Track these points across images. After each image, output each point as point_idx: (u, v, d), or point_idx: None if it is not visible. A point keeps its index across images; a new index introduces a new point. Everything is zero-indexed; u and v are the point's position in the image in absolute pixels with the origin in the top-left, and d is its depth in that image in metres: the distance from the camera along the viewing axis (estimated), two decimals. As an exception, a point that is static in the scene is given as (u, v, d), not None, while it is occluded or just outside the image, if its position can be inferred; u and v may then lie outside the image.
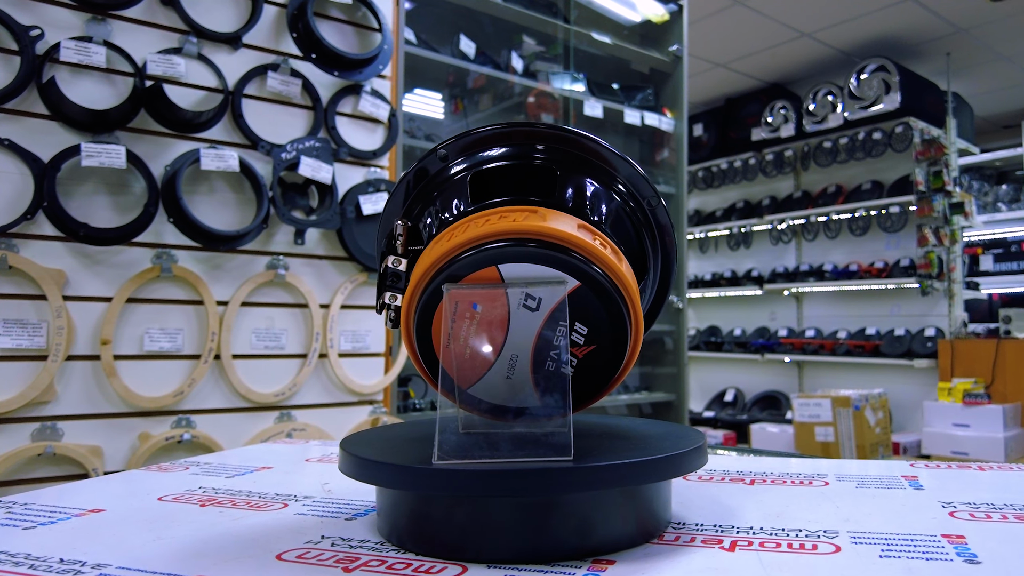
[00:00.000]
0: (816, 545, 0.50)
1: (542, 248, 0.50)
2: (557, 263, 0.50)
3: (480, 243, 0.50)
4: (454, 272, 0.51)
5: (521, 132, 0.58)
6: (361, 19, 1.92)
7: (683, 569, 0.46)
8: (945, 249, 4.59)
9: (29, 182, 1.43)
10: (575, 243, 0.50)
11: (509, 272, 0.52)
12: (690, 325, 6.04)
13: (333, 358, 1.80)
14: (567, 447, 0.49)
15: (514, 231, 0.50)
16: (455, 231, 0.52)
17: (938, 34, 4.66)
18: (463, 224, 0.52)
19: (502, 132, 0.58)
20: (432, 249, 0.52)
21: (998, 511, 0.59)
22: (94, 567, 0.49)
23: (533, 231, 0.50)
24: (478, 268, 0.51)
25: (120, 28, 1.55)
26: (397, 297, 0.56)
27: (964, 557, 0.47)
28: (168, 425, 1.58)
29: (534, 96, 3.13)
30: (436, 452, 0.49)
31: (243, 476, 0.80)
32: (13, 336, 1.41)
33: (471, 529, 0.49)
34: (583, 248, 0.50)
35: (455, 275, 0.51)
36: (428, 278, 0.51)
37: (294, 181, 1.77)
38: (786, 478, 0.74)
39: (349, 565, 0.48)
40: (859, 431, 3.89)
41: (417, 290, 0.52)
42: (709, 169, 5.89)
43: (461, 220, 0.53)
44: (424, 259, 0.52)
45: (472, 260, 0.50)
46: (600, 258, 0.51)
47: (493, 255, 0.50)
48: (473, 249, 0.50)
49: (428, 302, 0.52)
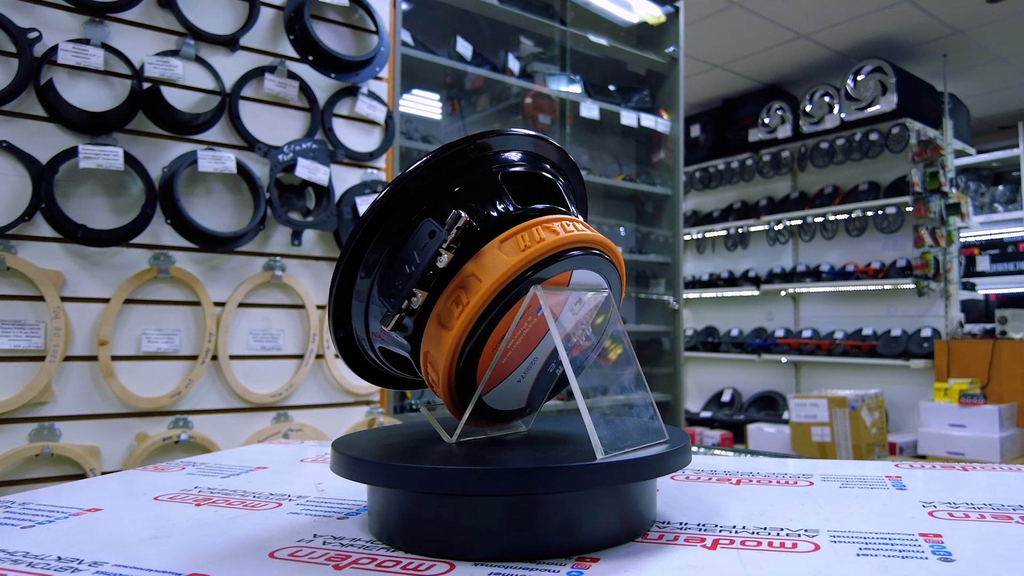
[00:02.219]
0: (796, 544, 0.52)
1: (602, 257, 0.55)
2: (606, 270, 0.56)
3: (563, 248, 0.52)
4: (542, 275, 0.52)
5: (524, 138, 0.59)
6: (358, 21, 1.93)
7: (665, 567, 0.48)
8: (941, 250, 4.60)
9: (27, 184, 1.44)
10: (614, 252, 0.56)
11: (576, 279, 0.55)
12: (687, 325, 6.06)
13: (330, 359, 1.81)
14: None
15: (584, 240, 0.53)
16: (527, 234, 0.51)
17: (934, 35, 4.67)
18: (529, 228, 0.52)
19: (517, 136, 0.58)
20: (507, 249, 0.51)
21: (976, 511, 0.60)
22: (91, 565, 0.50)
23: (597, 242, 0.54)
24: (562, 272, 0.53)
25: (118, 30, 1.56)
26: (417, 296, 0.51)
27: (939, 555, 0.48)
28: (165, 425, 1.59)
29: (531, 97, 3.14)
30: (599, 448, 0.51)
31: (238, 476, 0.81)
32: (11, 337, 1.42)
33: (458, 528, 0.50)
34: (617, 257, 0.57)
35: (541, 278, 0.52)
36: (513, 278, 0.50)
37: (291, 183, 1.78)
38: (772, 478, 0.75)
39: (340, 563, 0.50)
40: (855, 431, 3.91)
41: (495, 290, 0.50)
42: (706, 170, 5.90)
43: (523, 223, 0.52)
44: (504, 259, 0.50)
45: (560, 265, 0.52)
46: (621, 262, 0.58)
47: (574, 261, 0.53)
48: (558, 254, 0.52)
49: (506, 305, 0.51)
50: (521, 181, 0.56)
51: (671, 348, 3.58)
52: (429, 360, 0.53)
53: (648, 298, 3.71)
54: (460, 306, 0.51)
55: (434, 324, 0.52)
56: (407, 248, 0.52)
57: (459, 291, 0.51)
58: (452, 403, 0.56)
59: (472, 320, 0.50)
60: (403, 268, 0.52)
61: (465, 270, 0.51)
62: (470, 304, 0.50)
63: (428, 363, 0.54)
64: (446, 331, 0.51)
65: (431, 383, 0.56)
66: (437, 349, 0.52)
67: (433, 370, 0.54)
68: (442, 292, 0.52)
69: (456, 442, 0.58)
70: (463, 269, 0.51)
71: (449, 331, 0.51)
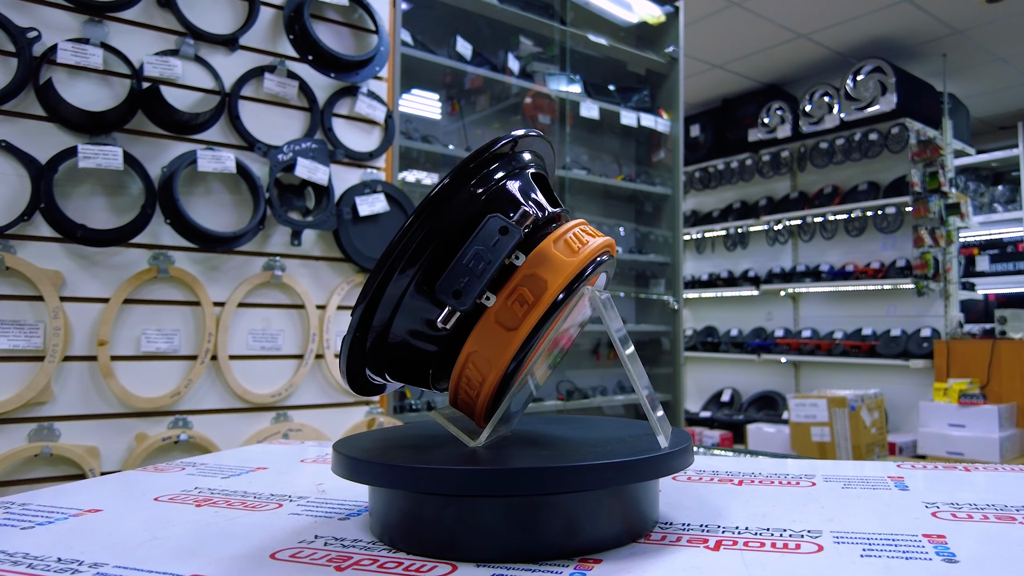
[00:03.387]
0: (799, 545, 0.51)
1: (611, 260, 0.57)
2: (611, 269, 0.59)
3: (604, 251, 0.54)
4: (588, 277, 0.52)
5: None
6: (357, 21, 1.93)
7: (667, 568, 0.47)
8: (941, 250, 4.60)
9: (26, 183, 1.43)
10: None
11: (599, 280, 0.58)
12: (687, 325, 6.06)
13: (329, 359, 1.80)
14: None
15: (610, 244, 0.56)
16: (574, 235, 0.53)
17: (934, 35, 4.67)
18: (572, 229, 0.53)
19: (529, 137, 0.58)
20: (562, 250, 0.51)
21: (979, 511, 0.60)
22: (91, 566, 0.49)
23: (613, 245, 0.57)
24: (599, 273, 0.55)
25: (117, 30, 1.56)
26: (492, 297, 0.50)
27: (943, 556, 0.48)
28: (165, 426, 1.58)
29: (531, 97, 3.14)
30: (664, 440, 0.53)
31: (238, 477, 0.80)
32: (10, 337, 1.42)
33: (460, 529, 0.50)
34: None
35: (589, 279, 0.53)
36: (573, 278, 0.51)
37: (291, 182, 1.78)
38: (774, 479, 0.75)
39: (341, 564, 0.49)
40: (855, 431, 3.91)
41: (561, 290, 0.50)
42: (706, 170, 5.90)
43: (567, 224, 0.54)
44: (566, 260, 0.51)
45: (602, 267, 0.54)
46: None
47: (607, 264, 0.56)
48: (599, 258, 0.53)
49: (563, 306, 0.51)
50: (536, 179, 0.57)
51: (670, 348, 3.58)
52: (473, 361, 0.51)
53: (648, 298, 3.71)
54: (526, 305, 0.50)
55: (490, 324, 0.50)
56: (473, 243, 0.50)
57: (521, 290, 0.50)
58: (485, 405, 0.54)
59: (538, 320, 0.50)
60: (469, 264, 0.49)
61: (523, 269, 0.50)
62: (540, 303, 0.49)
63: (471, 364, 0.52)
64: (509, 331, 0.50)
65: (464, 385, 0.53)
66: (493, 349, 0.50)
67: (477, 371, 0.52)
68: (500, 290, 0.50)
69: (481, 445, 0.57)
70: (520, 267, 0.50)
71: (514, 331, 0.50)
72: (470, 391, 0.53)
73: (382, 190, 1.89)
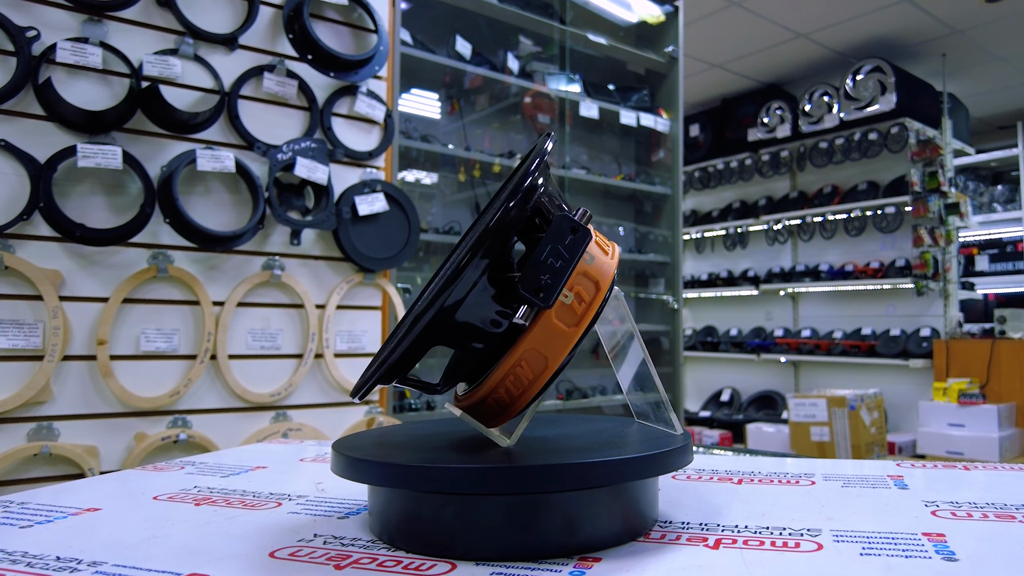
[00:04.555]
0: (799, 543, 0.51)
1: None
2: None
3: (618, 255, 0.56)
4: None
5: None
6: (357, 20, 1.93)
7: (667, 567, 0.47)
8: (940, 249, 4.61)
9: (25, 183, 1.43)
10: None
11: None
12: (686, 325, 6.06)
13: (329, 358, 1.80)
14: None
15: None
16: (600, 238, 0.54)
17: (933, 35, 4.67)
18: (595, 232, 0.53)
19: None
20: (602, 252, 0.54)
21: (979, 510, 0.60)
22: (90, 565, 0.49)
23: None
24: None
25: (116, 29, 1.56)
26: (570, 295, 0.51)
27: (943, 555, 0.48)
28: (164, 425, 1.58)
29: (530, 97, 3.14)
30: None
31: (238, 476, 0.80)
32: (9, 336, 1.42)
33: (459, 527, 0.50)
34: None
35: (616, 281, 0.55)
36: (612, 279, 0.53)
37: (290, 182, 1.78)
38: (773, 478, 0.75)
39: (341, 563, 0.49)
40: (854, 431, 3.91)
41: (607, 288, 0.53)
42: (705, 169, 5.90)
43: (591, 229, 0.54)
44: (608, 261, 0.53)
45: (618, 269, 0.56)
46: None
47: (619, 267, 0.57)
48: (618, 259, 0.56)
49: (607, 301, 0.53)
50: None
51: (670, 348, 3.58)
52: (526, 359, 0.51)
53: (647, 298, 3.71)
54: (584, 304, 0.51)
55: (551, 322, 0.50)
56: (547, 241, 0.49)
57: (577, 288, 0.51)
58: (526, 403, 0.53)
59: (592, 317, 0.52)
60: (547, 262, 0.49)
61: (578, 267, 0.51)
62: (595, 301, 0.51)
63: (524, 362, 0.51)
64: (570, 328, 0.51)
65: (508, 383, 0.52)
66: (551, 347, 0.51)
67: (529, 369, 0.51)
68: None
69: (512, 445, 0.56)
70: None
71: (575, 328, 0.51)
72: (514, 390, 0.52)
73: (381, 189, 1.89)
